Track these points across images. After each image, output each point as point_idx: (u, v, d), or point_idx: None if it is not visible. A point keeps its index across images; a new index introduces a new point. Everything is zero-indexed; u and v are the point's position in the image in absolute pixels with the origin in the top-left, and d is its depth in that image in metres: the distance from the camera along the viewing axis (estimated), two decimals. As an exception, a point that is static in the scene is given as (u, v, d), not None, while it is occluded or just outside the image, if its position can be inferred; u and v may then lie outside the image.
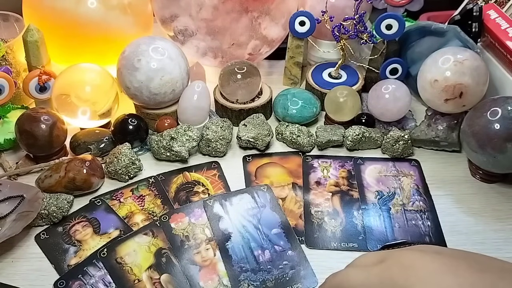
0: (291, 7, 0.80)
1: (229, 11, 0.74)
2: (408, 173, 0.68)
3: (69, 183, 0.63)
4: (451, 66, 0.64)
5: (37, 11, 0.77)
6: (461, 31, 0.71)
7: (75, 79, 0.70)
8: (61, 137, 0.68)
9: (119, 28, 0.77)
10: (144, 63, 0.69)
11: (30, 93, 0.74)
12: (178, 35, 0.79)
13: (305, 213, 0.62)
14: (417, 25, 0.76)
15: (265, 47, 0.81)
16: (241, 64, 0.75)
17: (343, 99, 0.71)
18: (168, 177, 0.67)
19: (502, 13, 0.71)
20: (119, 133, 0.69)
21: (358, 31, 0.75)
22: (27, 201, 0.59)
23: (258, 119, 0.73)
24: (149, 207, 0.63)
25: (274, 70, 0.90)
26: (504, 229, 0.60)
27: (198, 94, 0.71)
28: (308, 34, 0.79)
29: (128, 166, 0.66)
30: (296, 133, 0.71)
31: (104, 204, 0.63)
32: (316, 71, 0.82)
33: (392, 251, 0.34)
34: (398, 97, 0.70)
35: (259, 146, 0.70)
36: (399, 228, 0.60)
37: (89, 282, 0.54)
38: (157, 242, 0.58)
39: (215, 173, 0.68)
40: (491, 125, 0.60)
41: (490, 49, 0.72)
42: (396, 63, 0.76)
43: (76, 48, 0.77)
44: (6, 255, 0.57)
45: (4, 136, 0.70)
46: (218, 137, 0.69)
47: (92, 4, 0.74)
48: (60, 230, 0.60)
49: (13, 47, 0.75)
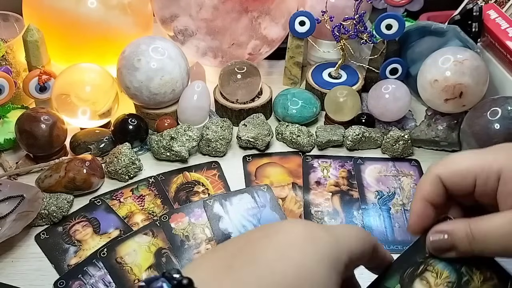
0: (291, 7, 0.80)
1: (229, 11, 0.74)
2: (408, 173, 0.68)
3: (69, 183, 0.63)
4: (451, 66, 0.64)
5: (37, 11, 0.77)
6: (461, 31, 0.70)
7: (75, 79, 0.70)
8: (61, 137, 0.68)
9: (119, 28, 0.77)
10: (144, 63, 0.69)
11: (30, 93, 0.74)
12: (178, 35, 0.79)
13: (305, 213, 0.62)
14: (417, 25, 0.76)
15: (265, 47, 0.81)
16: (241, 64, 0.75)
17: (343, 99, 0.71)
18: (168, 177, 0.67)
19: (502, 13, 0.71)
20: (119, 133, 0.69)
21: (358, 31, 0.75)
22: (27, 201, 0.59)
23: (258, 119, 0.73)
24: (149, 207, 0.63)
25: (274, 70, 0.90)
26: (504, 229, 0.60)
27: (198, 94, 0.71)
28: (308, 34, 0.79)
29: (128, 166, 0.66)
30: (296, 133, 0.71)
31: (104, 204, 0.63)
32: (316, 71, 0.82)
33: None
34: (398, 97, 0.70)
35: (259, 146, 0.70)
36: (399, 228, 0.60)
37: (89, 282, 0.54)
38: (157, 242, 0.58)
39: (215, 173, 0.68)
40: (491, 125, 0.60)
41: (490, 49, 0.72)
42: (396, 63, 0.76)
43: (76, 48, 0.77)
44: (6, 255, 0.57)
45: (4, 136, 0.70)
46: (218, 137, 0.69)
47: (92, 4, 0.74)
48: (60, 230, 0.60)
49: (13, 47, 0.75)
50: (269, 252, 0.29)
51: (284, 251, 0.29)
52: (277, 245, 0.29)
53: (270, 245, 0.30)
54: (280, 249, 0.29)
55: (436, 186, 0.36)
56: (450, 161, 0.36)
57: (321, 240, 0.30)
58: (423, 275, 0.36)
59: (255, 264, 0.28)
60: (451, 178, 0.35)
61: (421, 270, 0.36)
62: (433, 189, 0.36)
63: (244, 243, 0.31)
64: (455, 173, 0.35)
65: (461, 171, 0.35)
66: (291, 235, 0.30)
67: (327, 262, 0.29)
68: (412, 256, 0.37)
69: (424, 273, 0.37)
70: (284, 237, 0.30)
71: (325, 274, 0.29)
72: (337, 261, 0.30)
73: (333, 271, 0.30)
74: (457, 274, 0.36)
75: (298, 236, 0.30)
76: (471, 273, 0.36)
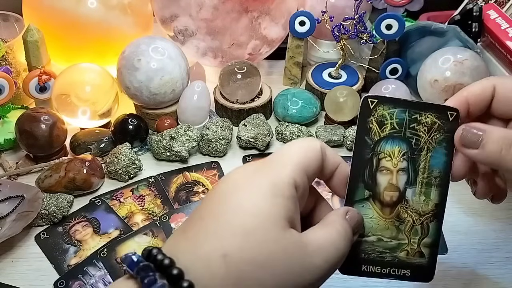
0: (291, 7, 0.80)
1: (229, 11, 0.74)
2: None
3: (69, 183, 0.63)
4: (451, 66, 0.64)
5: (37, 11, 0.77)
6: (461, 31, 0.70)
7: (75, 79, 0.70)
8: (61, 137, 0.68)
9: (119, 28, 0.77)
10: (144, 63, 0.69)
11: (30, 93, 0.74)
12: (178, 35, 0.79)
13: (305, 213, 0.62)
14: (417, 25, 0.76)
15: (265, 47, 0.81)
16: (241, 64, 0.75)
17: (343, 99, 0.71)
18: (168, 177, 0.67)
19: (502, 13, 0.71)
20: (119, 133, 0.69)
21: (358, 31, 0.75)
22: (27, 201, 0.59)
23: (258, 119, 0.73)
24: (149, 207, 0.63)
25: (274, 70, 0.90)
26: (504, 229, 0.60)
27: (198, 94, 0.71)
28: (308, 34, 0.79)
29: (128, 166, 0.66)
30: (296, 133, 0.71)
31: (104, 204, 0.63)
32: (316, 71, 0.82)
33: None
34: (398, 97, 0.70)
35: (259, 146, 0.70)
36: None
37: (89, 282, 0.54)
38: (157, 242, 0.58)
39: (215, 173, 0.68)
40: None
41: (490, 49, 0.72)
42: (396, 63, 0.76)
43: (76, 48, 0.77)
44: (6, 255, 0.57)
45: (4, 136, 0.70)
46: (218, 137, 0.69)
47: (92, 4, 0.74)
48: (60, 230, 0.60)
49: (13, 47, 0.75)
50: (214, 204, 0.32)
51: (226, 198, 0.32)
52: (220, 195, 0.32)
53: (213, 197, 0.32)
54: (222, 197, 0.32)
55: (485, 88, 0.38)
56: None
57: (258, 175, 0.32)
58: (380, 166, 0.37)
59: (202, 219, 0.31)
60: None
61: (375, 163, 0.37)
62: (481, 91, 0.38)
63: (197, 206, 0.33)
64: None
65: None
66: (231, 181, 0.33)
67: (268, 192, 0.31)
68: (360, 157, 0.37)
69: (379, 163, 0.37)
70: (225, 185, 0.33)
71: (268, 204, 0.31)
72: (279, 186, 0.32)
73: (277, 197, 0.31)
74: (406, 143, 0.37)
75: (238, 179, 0.33)
76: (415, 116, 0.37)
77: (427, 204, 0.38)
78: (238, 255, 0.29)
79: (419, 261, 0.38)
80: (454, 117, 0.37)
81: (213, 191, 0.33)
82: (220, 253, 0.29)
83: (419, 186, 0.37)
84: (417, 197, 0.38)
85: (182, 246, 0.30)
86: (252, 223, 0.30)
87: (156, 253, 0.30)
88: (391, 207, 0.38)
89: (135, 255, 0.30)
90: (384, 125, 0.37)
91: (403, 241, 0.38)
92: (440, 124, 0.37)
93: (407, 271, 0.38)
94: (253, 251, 0.29)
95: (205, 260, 0.29)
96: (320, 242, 0.32)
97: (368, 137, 0.37)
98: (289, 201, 0.32)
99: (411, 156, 0.37)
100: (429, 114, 0.37)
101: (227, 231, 0.29)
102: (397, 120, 0.37)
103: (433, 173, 0.37)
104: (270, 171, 0.32)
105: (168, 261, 0.29)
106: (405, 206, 0.38)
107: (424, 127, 0.37)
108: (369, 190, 0.37)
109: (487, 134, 0.35)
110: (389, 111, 0.37)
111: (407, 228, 0.38)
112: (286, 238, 0.30)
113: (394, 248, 0.38)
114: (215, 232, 0.30)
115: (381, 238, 0.38)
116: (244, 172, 0.33)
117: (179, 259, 0.29)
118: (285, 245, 0.30)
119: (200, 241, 0.30)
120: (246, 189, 0.31)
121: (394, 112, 0.37)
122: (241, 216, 0.30)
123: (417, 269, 0.38)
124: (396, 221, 0.38)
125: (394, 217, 0.38)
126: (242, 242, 0.29)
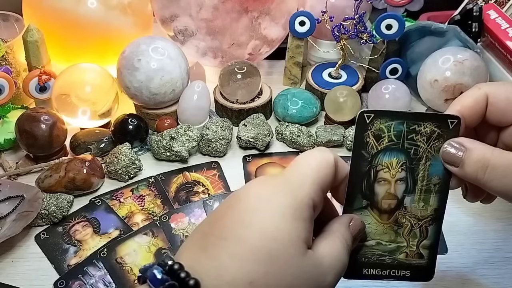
0: (291, 7, 0.80)
1: (229, 11, 0.74)
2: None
3: (69, 183, 0.63)
4: (451, 66, 0.64)
5: (37, 11, 0.77)
6: (461, 31, 0.70)
7: (75, 79, 0.70)
8: (61, 137, 0.68)
9: (119, 28, 0.77)
10: (144, 63, 0.69)
11: (30, 93, 0.74)
12: (178, 35, 0.79)
13: (305, 213, 0.62)
14: (417, 25, 0.76)
15: (265, 47, 0.81)
16: (241, 64, 0.75)
17: (343, 99, 0.71)
18: (168, 177, 0.67)
19: (502, 13, 0.71)
20: (119, 133, 0.69)
21: (358, 31, 0.75)
22: (27, 201, 0.59)
23: (258, 119, 0.73)
24: (149, 207, 0.63)
25: (274, 70, 0.90)
26: (504, 229, 0.60)
27: (198, 94, 0.71)
28: (308, 34, 0.79)
29: (128, 166, 0.66)
30: (296, 133, 0.71)
31: (104, 204, 0.63)
32: (316, 71, 0.82)
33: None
34: (398, 97, 0.70)
35: (259, 146, 0.70)
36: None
37: (89, 282, 0.54)
38: (157, 242, 0.58)
39: (215, 173, 0.68)
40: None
41: (490, 49, 0.72)
42: (396, 63, 0.76)
43: (76, 48, 0.77)
44: (6, 255, 0.57)
45: (4, 136, 0.70)
46: (218, 137, 0.69)
47: (92, 4, 0.74)
48: (60, 230, 0.60)
49: (13, 47, 0.74)
50: (235, 223, 0.31)
51: (248, 218, 0.31)
52: (241, 214, 0.32)
53: (234, 215, 0.32)
54: (244, 217, 0.31)
55: (478, 100, 0.37)
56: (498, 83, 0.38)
57: (279, 196, 0.32)
58: (377, 177, 0.37)
59: (225, 240, 0.31)
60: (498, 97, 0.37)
61: (373, 175, 0.37)
62: (474, 103, 0.37)
63: (214, 220, 0.33)
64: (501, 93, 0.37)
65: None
66: (251, 200, 0.32)
67: (289, 215, 0.31)
68: (357, 170, 0.37)
69: (377, 175, 0.37)
70: (245, 204, 0.32)
71: (289, 227, 0.31)
72: (299, 209, 0.32)
73: (298, 220, 0.31)
74: (405, 154, 0.37)
75: (258, 199, 0.32)
76: (413, 127, 0.37)
77: (426, 210, 0.38)
78: (263, 281, 0.30)
79: (418, 262, 0.38)
80: (455, 125, 0.37)
81: (232, 208, 0.32)
82: (247, 281, 0.29)
83: (418, 193, 0.37)
84: (416, 204, 0.38)
85: (205, 265, 0.30)
86: (276, 249, 0.30)
87: (178, 270, 0.29)
88: (389, 214, 0.38)
89: (157, 269, 0.29)
90: (381, 138, 0.37)
91: (402, 244, 0.38)
92: (439, 133, 0.36)
93: (407, 272, 0.38)
94: (278, 277, 0.30)
95: (232, 286, 0.29)
96: (329, 259, 0.33)
97: (365, 151, 0.37)
98: (308, 223, 0.32)
99: (409, 166, 0.37)
100: (428, 124, 0.36)
101: (252, 255, 0.30)
102: (394, 132, 0.37)
103: (432, 180, 0.37)
104: (289, 192, 0.32)
105: (193, 282, 0.29)
106: (403, 212, 0.38)
107: (423, 136, 0.37)
108: (367, 200, 0.37)
109: (467, 154, 0.35)
110: (386, 124, 0.37)
111: (405, 231, 0.38)
112: (305, 260, 0.31)
113: (393, 251, 0.38)
114: (241, 256, 0.30)
115: (380, 242, 0.38)
116: (264, 192, 0.33)
117: (203, 280, 0.29)
118: (305, 268, 0.31)
119: (225, 264, 0.30)
120: (267, 211, 0.31)
121: (392, 124, 0.37)
122: (265, 240, 0.30)
123: (417, 269, 0.38)
124: (395, 226, 0.38)
125: (392, 222, 0.38)
126: (267, 267, 0.30)
